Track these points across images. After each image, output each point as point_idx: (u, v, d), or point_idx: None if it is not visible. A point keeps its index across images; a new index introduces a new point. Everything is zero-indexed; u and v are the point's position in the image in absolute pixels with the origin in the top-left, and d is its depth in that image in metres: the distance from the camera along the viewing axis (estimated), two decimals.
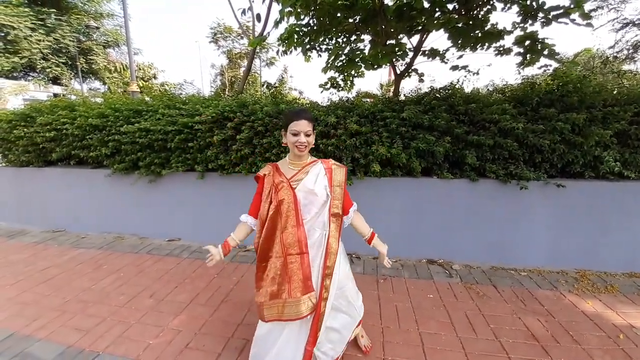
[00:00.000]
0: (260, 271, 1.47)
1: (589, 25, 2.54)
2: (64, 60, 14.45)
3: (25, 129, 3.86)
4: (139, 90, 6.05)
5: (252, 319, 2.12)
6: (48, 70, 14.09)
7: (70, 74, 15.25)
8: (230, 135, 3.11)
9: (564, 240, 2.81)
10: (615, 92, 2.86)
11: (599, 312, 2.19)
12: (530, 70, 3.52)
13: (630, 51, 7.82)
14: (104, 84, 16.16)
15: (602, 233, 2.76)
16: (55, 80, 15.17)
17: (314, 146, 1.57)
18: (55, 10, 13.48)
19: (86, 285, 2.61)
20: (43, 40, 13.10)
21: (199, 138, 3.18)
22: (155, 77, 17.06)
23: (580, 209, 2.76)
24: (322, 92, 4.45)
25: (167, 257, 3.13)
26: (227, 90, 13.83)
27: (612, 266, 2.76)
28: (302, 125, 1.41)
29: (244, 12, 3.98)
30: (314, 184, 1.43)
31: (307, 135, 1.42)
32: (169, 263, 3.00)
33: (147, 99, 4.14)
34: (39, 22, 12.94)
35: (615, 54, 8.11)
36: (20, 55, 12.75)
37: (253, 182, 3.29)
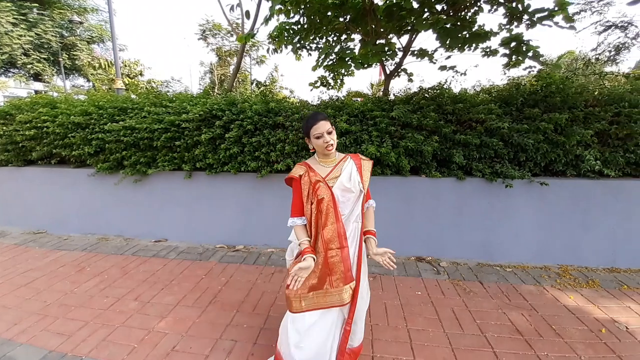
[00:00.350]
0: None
1: (572, 28, 2.61)
2: (45, 56, 13.97)
3: (4, 127, 3.71)
4: (124, 87, 5.90)
5: (241, 320, 2.10)
6: (29, 66, 13.60)
7: (53, 70, 14.75)
8: (219, 134, 3.06)
9: (547, 237, 2.89)
10: (596, 93, 2.95)
11: (580, 306, 2.26)
12: (516, 72, 3.61)
13: (612, 53, 8.10)
14: (88, 80, 15.70)
15: (583, 229, 2.85)
16: (37, 77, 14.66)
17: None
18: (37, 5, 13.00)
19: (68, 288, 2.53)
20: (24, 36, 12.63)
21: (186, 136, 3.13)
22: (141, 74, 16.66)
23: (562, 207, 2.84)
24: (311, 90, 4.43)
25: (153, 259, 3.07)
26: (216, 88, 13.64)
27: (593, 262, 2.85)
28: (322, 126, 1.43)
29: (232, 8, 3.91)
30: (349, 182, 1.47)
31: (329, 133, 1.44)
32: (155, 264, 2.94)
33: (132, 96, 4.04)
34: (21, 17, 12.46)
35: (597, 56, 8.38)
36: (0, 50, 12.25)
37: (242, 181, 3.29)
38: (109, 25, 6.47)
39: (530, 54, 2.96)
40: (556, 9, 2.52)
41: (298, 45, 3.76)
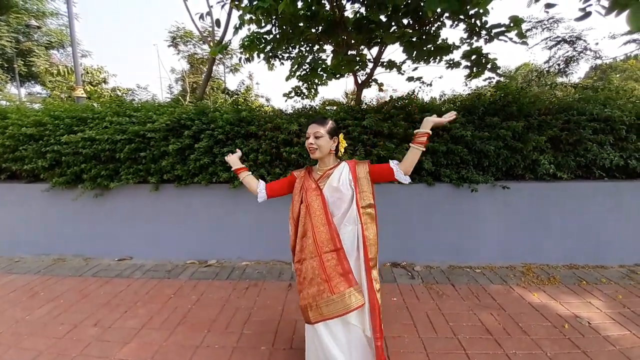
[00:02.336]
0: (297, 274, 1.51)
1: (525, 43, 2.83)
2: None
3: None
4: (85, 95, 5.56)
5: (212, 340, 2.00)
6: None
7: (6, 77, 13.63)
8: (188, 144, 2.96)
9: (511, 237, 3.05)
10: (548, 103, 3.20)
11: (544, 303, 2.39)
12: (477, 82, 3.83)
13: (562, 65, 8.87)
14: (46, 88, 14.66)
15: (543, 229, 3.04)
16: None
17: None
18: None
19: (20, 315, 2.29)
20: None
21: (152, 147, 2.99)
22: (105, 82, 15.81)
23: (523, 208, 3.02)
24: (286, 101, 4.43)
25: (116, 279, 2.86)
26: (187, 96, 13.26)
27: (553, 259, 3.04)
28: (311, 128, 1.48)
29: (202, 17, 3.85)
30: (338, 182, 1.49)
31: (317, 137, 1.46)
32: (117, 285, 2.73)
33: (94, 104, 3.81)
34: None
35: (548, 68, 9.14)
36: None
37: (214, 193, 3.19)
38: (69, 29, 6.11)
39: (489, 66, 3.17)
40: (511, 24, 2.73)
41: (270, 54, 3.76)
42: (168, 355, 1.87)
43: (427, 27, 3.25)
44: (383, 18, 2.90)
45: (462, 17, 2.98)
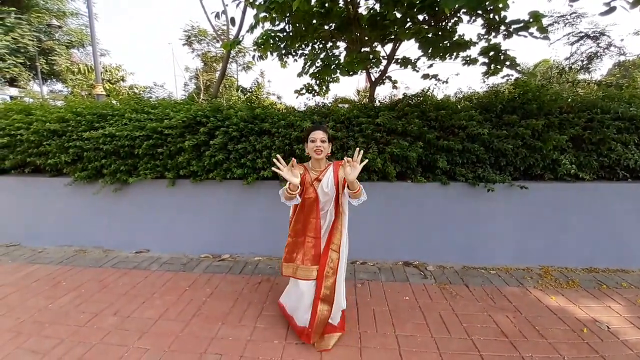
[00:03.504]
0: (288, 242, 1.96)
1: (546, 38, 2.74)
2: (22, 61, 13.42)
3: None
4: (104, 93, 5.73)
5: (226, 332, 2.04)
6: (5, 71, 13.02)
7: (29, 75, 14.18)
8: (203, 141, 3.01)
9: (529, 239, 2.97)
10: (570, 100, 3.09)
11: (562, 306, 2.32)
12: (494, 79, 3.75)
13: (585, 62, 8.51)
14: (67, 86, 15.18)
15: (562, 231, 2.94)
16: (12, 82, 14.04)
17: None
18: (15, 9, 12.52)
19: (42, 304, 2.39)
20: (0, 40, 12.11)
21: (169, 143, 3.05)
22: (123, 80, 16.24)
23: (541, 209, 2.93)
24: (297, 97, 4.44)
25: (134, 271, 2.95)
26: (201, 94, 13.47)
27: (572, 262, 2.95)
28: (318, 134, 1.82)
29: (217, 15, 3.90)
30: (327, 186, 1.86)
31: (323, 142, 1.81)
32: (135, 277, 2.82)
33: (113, 102, 3.93)
34: None
35: (570, 65, 8.80)
36: None
37: (228, 189, 3.25)
38: (90, 29, 6.30)
39: (507, 62, 3.09)
40: (531, 20, 2.64)
41: (284, 52, 3.78)
42: (184, 345, 1.92)
43: (444, 23, 3.19)
44: (398, 14, 2.86)
45: (479, 12, 2.92)
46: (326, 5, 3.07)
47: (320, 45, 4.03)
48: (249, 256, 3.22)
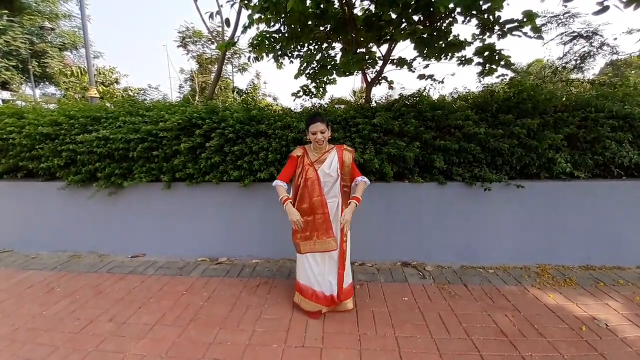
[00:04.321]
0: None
1: (540, 37, 2.76)
2: (14, 64, 13.24)
3: None
4: (98, 95, 5.67)
5: (224, 337, 2.01)
6: None
7: (21, 78, 14.00)
8: (199, 143, 2.99)
9: (525, 237, 2.98)
10: (564, 99, 3.11)
11: (560, 304, 2.33)
12: (490, 79, 3.76)
13: (578, 61, 8.59)
14: (60, 89, 15.01)
15: (558, 229, 2.96)
16: (4, 85, 13.85)
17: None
18: (7, 12, 12.35)
19: (37, 310, 2.35)
20: None
21: (164, 146, 3.02)
22: (117, 82, 16.10)
23: (538, 207, 2.95)
24: (294, 100, 4.43)
25: (130, 275, 2.91)
26: (197, 96, 13.39)
27: (569, 260, 2.97)
28: (318, 126, 2.03)
29: (211, 16, 3.87)
30: (329, 168, 2.08)
31: (322, 132, 2.03)
32: (131, 282, 2.78)
33: (107, 104, 3.88)
34: None
35: (564, 64, 8.88)
36: None
37: (225, 191, 3.22)
38: (83, 31, 6.23)
39: (502, 62, 3.10)
40: (524, 20, 2.66)
41: (279, 53, 3.76)
42: (181, 351, 1.89)
43: (439, 24, 3.20)
44: (393, 15, 2.87)
45: (474, 12, 2.93)
46: (321, 6, 3.06)
47: (316, 46, 4.02)
48: (247, 259, 3.19)
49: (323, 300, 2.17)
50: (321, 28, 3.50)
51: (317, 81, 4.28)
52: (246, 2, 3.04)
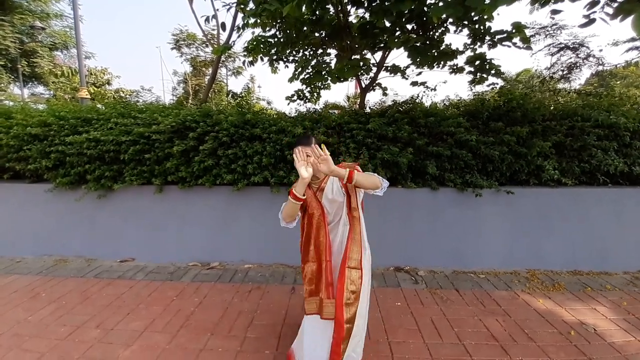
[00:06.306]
0: (302, 271, 1.65)
1: (529, 48, 2.86)
2: (2, 63, 12.96)
3: None
4: (89, 96, 5.58)
5: (215, 343, 1.98)
6: None
7: (10, 77, 13.70)
8: (193, 146, 2.96)
9: (515, 243, 3.04)
10: (552, 108, 3.20)
11: (549, 309, 2.37)
12: (480, 87, 3.85)
13: (565, 72, 8.88)
14: (49, 89, 14.73)
15: (547, 234, 3.02)
16: None
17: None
18: None
19: (21, 316, 2.27)
20: None
21: (157, 149, 2.99)
22: (109, 83, 15.90)
23: (527, 213, 3.01)
24: (289, 104, 4.45)
25: (118, 280, 2.84)
26: (190, 98, 13.31)
27: (557, 265, 3.03)
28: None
29: (207, 19, 3.88)
30: (332, 194, 1.60)
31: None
32: (120, 287, 2.72)
33: (98, 105, 3.82)
34: None
35: (551, 74, 9.16)
36: None
37: (218, 195, 3.19)
38: (75, 31, 6.15)
39: (492, 71, 3.19)
40: (514, 31, 2.75)
41: (274, 57, 3.79)
42: (171, 358, 1.85)
43: (431, 33, 3.28)
44: (387, 23, 2.93)
45: (466, 22, 3.01)
46: (317, 12, 3.10)
47: (311, 52, 4.07)
48: (239, 264, 3.15)
49: None
50: (316, 34, 3.55)
51: (312, 86, 4.32)
52: (242, 7, 3.06)
